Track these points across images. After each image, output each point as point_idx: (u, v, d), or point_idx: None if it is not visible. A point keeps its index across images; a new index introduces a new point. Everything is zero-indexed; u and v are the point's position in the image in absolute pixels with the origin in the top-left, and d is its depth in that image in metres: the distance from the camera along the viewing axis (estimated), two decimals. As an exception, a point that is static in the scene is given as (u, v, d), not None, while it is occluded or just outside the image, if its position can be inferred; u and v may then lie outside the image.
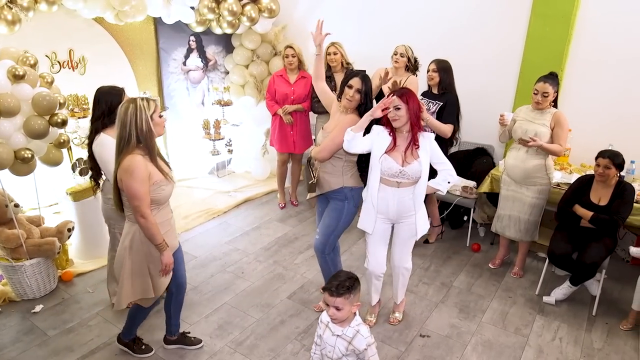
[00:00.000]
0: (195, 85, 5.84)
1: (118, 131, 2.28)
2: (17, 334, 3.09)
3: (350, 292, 2.08)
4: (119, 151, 2.30)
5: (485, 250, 4.34)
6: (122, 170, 2.26)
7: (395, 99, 2.66)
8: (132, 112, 2.23)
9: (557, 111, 3.42)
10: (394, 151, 2.73)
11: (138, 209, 2.29)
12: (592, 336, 3.21)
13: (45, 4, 3.66)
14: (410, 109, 2.65)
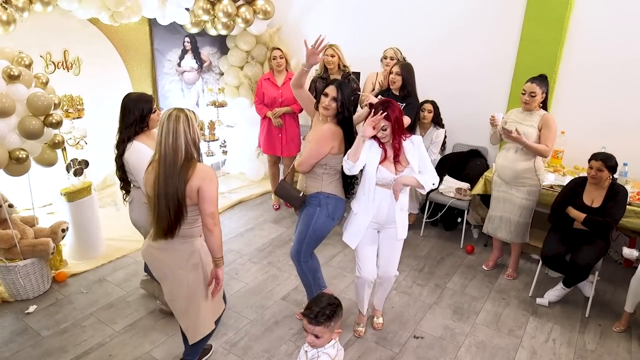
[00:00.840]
0: (190, 86, 5.84)
1: (169, 141, 2.14)
2: (11, 335, 3.08)
3: (330, 320, 1.99)
4: (173, 162, 2.15)
5: (479, 252, 4.36)
6: (200, 178, 2.17)
7: (382, 121, 2.64)
8: (184, 122, 2.16)
9: (545, 113, 3.46)
10: (385, 161, 2.75)
11: (214, 215, 2.22)
12: (585, 337, 3.23)
13: (40, 5, 3.66)
14: (393, 123, 2.63)
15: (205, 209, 2.21)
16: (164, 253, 2.32)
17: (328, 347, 2.03)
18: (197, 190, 2.18)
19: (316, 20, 5.68)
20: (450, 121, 4.72)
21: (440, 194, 4.48)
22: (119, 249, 4.15)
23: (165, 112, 2.20)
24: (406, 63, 3.88)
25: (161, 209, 2.19)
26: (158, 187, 2.17)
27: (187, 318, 2.42)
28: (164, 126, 2.16)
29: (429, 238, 4.63)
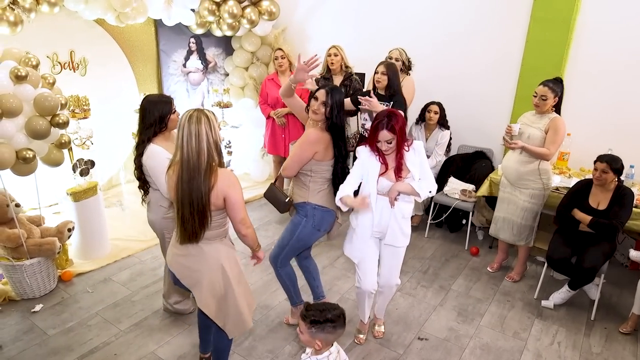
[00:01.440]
0: (195, 87, 5.86)
1: (192, 144, 2.10)
2: (17, 333, 3.09)
3: (312, 326, 1.96)
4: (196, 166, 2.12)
5: (484, 254, 4.35)
6: (224, 185, 2.15)
7: (386, 134, 2.51)
8: (206, 123, 2.13)
9: (556, 116, 3.42)
10: (386, 173, 2.66)
11: (245, 221, 2.25)
12: (591, 340, 3.21)
13: (47, 6, 3.68)
14: (398, 135, 2.53)
15: (235, 216, 2.23)
16: (191, 259, 2.30)
17: (321, 358, 2.01)
18: (223, 198, 2.17)
19: (321, 21, 5.69)
20: (455, 122, 4.71)
21: (445, 196, 4.47)
22: (124, 249, 4.17)
23: (185, 114, 2.15)
24: (391, 63, 3.87)
25: (185, 213, 2.16)
26: (182, 191, 2.14)
27: (226, 316, 2.40)
28: (185, 128, 2.11)
29: (433, 240, 4.62)
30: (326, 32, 5.63)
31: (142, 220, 4.63)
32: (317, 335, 1.96)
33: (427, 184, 2.65)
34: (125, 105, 5.05)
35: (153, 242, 4.30)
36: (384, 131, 2.50)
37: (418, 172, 2.65)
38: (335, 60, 4.47)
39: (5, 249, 3.31)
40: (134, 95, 5.18)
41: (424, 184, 2.64)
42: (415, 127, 4.76)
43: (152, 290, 3.61)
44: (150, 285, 3.68)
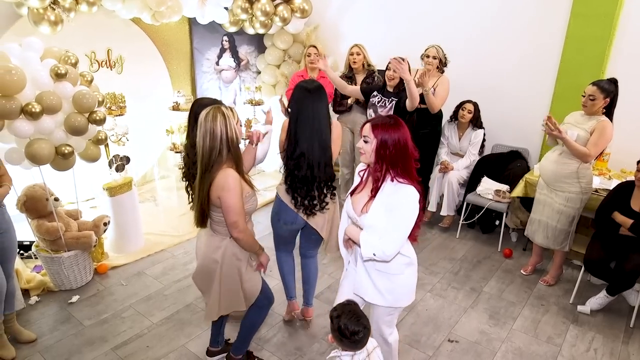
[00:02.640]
0: (228, 84, 5.92)
1: (206, 142, 2.15)
2: (55, 323, 3.20)
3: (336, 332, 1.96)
4: (207, 163, 2.18)
5: (518, 256, 4.24)
6: (219, 187, 2.18)
7: (367, 129, 2.09)
8: (221, 121, 2.14)
9: (604, 119, 3.26)
10: (360, 192, 2.21)
11: (236, 225, 2.24)
12: (629, 348, 3.09)
13: (86, 5, 3.78)
14: (378, 145, 2.04)
15: (226, 219, 2.25)
16: (200, 239, 2.49)
17: (345, 356, 2.00)
18: (218, 198, 2.21)
19: (353, 18, 5.66)
20: (489, 121, 4.61)
21: (478, 196, 4.38)
22: (157, 244, 4.25)
23: (204, 112, 2.18)
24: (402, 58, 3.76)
25: (196, 203, 2.31)
26: (199, 182, 2.25)
27: (207, 297, 2.50)
28: (202, 126, 2.16)
29: (465, 240, 4.54)
30: (358, 29, 5.60)
31: (175, 216, 4.75)
32: (334, 335, 2.01)
33: (379, 241, 2.01)
34: (160, 103, 5.15)
35: (185, 237, 4.38)
36: (367, 125, 2.11)
37: (379, 218, 2.04)
38: (358, 59, 4.47)
39: (45, 241, 3.42)
40: (168, 92, 5.28)
41: (374, 240, 2.02)
42: (447, 125, 4.69)
43: (183, 285, 3.67)
44: (182, 280, 3.74)
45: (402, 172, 2.05)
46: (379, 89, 3.85)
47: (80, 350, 2.95)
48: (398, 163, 2.05)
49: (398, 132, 2.04)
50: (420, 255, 4.21)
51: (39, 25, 3.59)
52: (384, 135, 2.03)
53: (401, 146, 2.04)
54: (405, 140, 2.06)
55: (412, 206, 2.02)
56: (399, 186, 2.03)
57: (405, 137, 2.06)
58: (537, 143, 4.58)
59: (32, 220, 3.40)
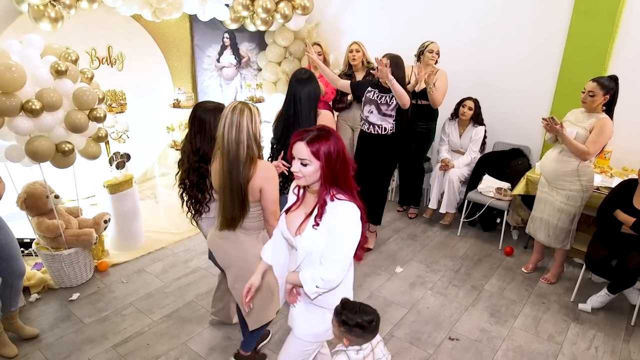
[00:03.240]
0: (229, 82, 5.91)
1: (232, 134, 2.14)
2: (55, 321, 3.20)
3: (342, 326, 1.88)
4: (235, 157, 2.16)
5: (519, 254, 4.23)
6: (261, 178, 2.20)
7: (301, 148, 1.77)
8: (248, 116, 2.18)
9: (604, 117, 3.25)
10: (296, 210, 1.95)
11: (276, 214, 2.29)
12: (630, 347, 3.09)
13: (87, 2, 3.77)
14: (326, 167, 1.77)
15: (267, 207, 2.28)
16: (228, 243, 2.40)
17: (350, 350, 1.95)
18: (259, 189, 2.22)
19: (355, 15, 5.64)
20: (490, 118, 4.60)
21: (479, 194, 4.37)
22: (157, 241, 4.25)
23: (230, 105, 2.22)
24: (394, 55, 3.73)
25: (226, 201, 2.25)
26: (223, 180, 2.22)
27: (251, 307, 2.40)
28: (227, 118, 2.17)
29: (466, 238, 4.53)
30: (359, 26, 5.58)
31: (176, 213, 4.73)
32: (345, 335, 1.93)
33: (319, 268, 1.80)
34: (161, 100, 5.14)
35: (186, 235, 4.38)
36: (299, 144, 1.78)
37: (317, 240, 1.81)
38: (357, 56, 4.47)
39: (45, 238, 3.42)
40: (168, 90, 5.27)
41: (314, 272, 1.80)
42: (448, 122, 4.68)
43: (184, 282, 3.67)
44: (183, 278, 3.74)
45: (343, 186, 1.83)
46: (373, 85, 3.83)
47: (81, 347, 2.95)
48: (339, 178, 1.82)
49: (337, 142, 1.80)
50: (421, 253, 4.21)
51: (39, 22, 3.58)
52: (325, 151, 1.76)
53: (341, 158, 1.80)
54: (344, 150, 1.83)
55: (353, 225, 1.80)
56: (338, 204, 1.80)
57: (342, 145, 1.83)
58: (538, 141, 4.57)
59: (32, 217, 3.40)
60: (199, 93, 5.56)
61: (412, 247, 4.33)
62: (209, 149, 2.53)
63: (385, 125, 3.76)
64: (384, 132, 3.78)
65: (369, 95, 3.81)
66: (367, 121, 3.85)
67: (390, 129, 3.76)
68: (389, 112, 3.72)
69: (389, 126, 3.75)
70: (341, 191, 1.83)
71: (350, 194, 1.84)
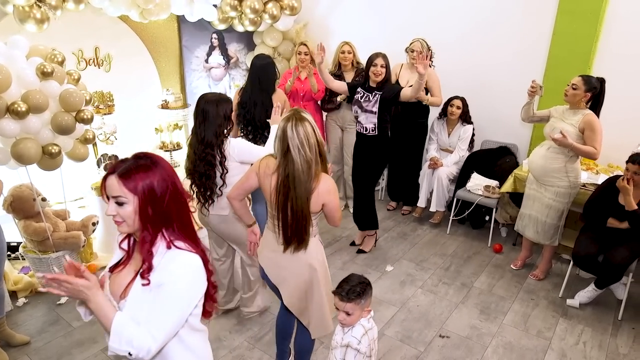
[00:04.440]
0: (217, 82, 5.88)
1: (304, 154, 2.05)
2: (43, 325, 3.17)
3: (361, 298, 2.04)
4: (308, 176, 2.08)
5: (507, 251, 4.27)
6: (324, 192, 2.14)
7: (112, 182, 1.41)
8: (308, 127, 2.07)
9: (588, 113, 3.31)
10: (124, 269, 1.53)
11: (340, 220, 2.33)
12: (618, 341, 3.13)
13: (73, 3, 3.73)
14: (145, 205, 1.40)
15: (334, 218, 2.29)
16: (280, 256, 2.29)
17: (364, 320, 2.10)
18: (322, 204, 2.19)
19: (343, 15, 5.65)
20: (478, 117, 4.63)
21: (468, 192, 4.41)
22: (147, 243, 4.22)
23: (289, 123, 2.06)
24: (385, 54, 3.76)
25: (286, 219, 2.16)
26: (283, 196, 2.13)
27: (312, 316, 2.38)
28: (295, 139, 2.04)
29: (455, 236, 4.56)
30: (347, 26, 5.59)
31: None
32: (365, 303, 2.08)
33: (137, 329, 1.36)
34: (149, 101, 5.11)
35: (175, 237, 4.35)
36: (111, 178, 1.43)
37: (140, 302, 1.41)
38: (349, 57, 4.48)
39: (32, 242, 3.39)
40: (157, 91, 5.24)
41: (132, 328, 1.36)
42: (437, 122, 4.71)
43: (174, 284, 3.65)
44: (172, 279, 3.72)
45: (180, 229, 1.47)
46: (361, 85, 3.85)
47: (70, 351, 2.92)
48: (172, 217, 1.45)
49: (164, 172, 1.44)
50: (411, 252, 4.23)
51: (25, 23, 3.54)
52: (145, 183, 1.40)
53: (172, 192, 1.43)
54: (174, 182, 1.46)
55: (190, 282, 1.44)
56: (176, 254, 1.43)
57: (171, 174, 1.46)
58: (525, 139, 4.61)
59: (19, 220, 3.36)
60: (188, 94, 5.53)
61: (402, 245, 4.35)
62: (212, 136, 2.65)
63: (367, 125, 3.78)
64: (365, 131, 3.80)
65: (356, 97, 3.82)
66: (357, 121, 3.89)
67: (372, 129, 3.77)
68: (370, 107, 3.73)
69: (370, 126, 3.77)
70: (179, 236, 1.46)
71: (190, 239, 1.48)
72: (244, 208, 2.53)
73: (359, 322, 2.09)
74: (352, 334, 2.08)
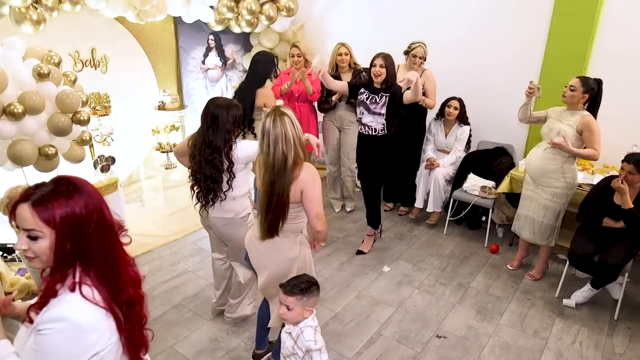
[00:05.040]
0: (214, 83, 5.89)
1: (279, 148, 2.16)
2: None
3: (303, 295, 2.07)
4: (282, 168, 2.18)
5: (504, 252, 4.28)
6: (304, 181, 2.21)
7: (27, 213, 1.16)
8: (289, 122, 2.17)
9: (586, 114, 3.31)
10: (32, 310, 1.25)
11: (320, 216, 2.29)
12: (614, 340, 3.15)
13: (69, 4, 3.74)
14: (64, 237, 1.17)
15: (311, 209, 2.27)
16: (265, 245, 2.39)
17: (308, 321, 2.12)
18: (301, 191, 2.22)
19: (340, 16, 5.66)
20: (475, 118, 4.65)
21: (465, 192, 4.42)
22: (144, 244, 4.22)
23: (266, 117, 2.19)
24: (387, 54, 3.75)
25: (267, 210, 2.26)
26: (265, 190, 2.23)
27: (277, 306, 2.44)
28: (270, 133, 2.16)
29: (452, 237, 4.57)
30: (344, 27, 5.60)
31: (162, 216, 4.72)
32: (308, 302, 2.09)
33: None
34: (145, 102, 5.11)
35: (172, 238, 4.35)
36: (22, 207, 1.18)
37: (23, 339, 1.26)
38: (346, 59, 4.48)
39: (29, 243, 3.38)
40: (153, 92, 5.24)
41: None
42: (434, 122, 4.72)
43: (171, 285, 3.65)
44: (170, 281, 3.72)
45: (99, 269, 1.23)
46: (364, 86, 3.85)
47: (67, 353, 2.91)
48: (93, 254, 1.22)
49: (86, 199, 1.21)
50: (408, 252, 4.24)
51: (21, 24, 3.54)
52: (64, 213, 1.17)
53: (97, 222, 1.22)
54: (101, 210, 1.24)
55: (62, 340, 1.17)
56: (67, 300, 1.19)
57: (97, 202, 1.24)
58: (522, 139, 4.63)
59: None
60: (185, 95, 5.54)
61: (399, 246, 4.36)
62: (221, 142, 2.65)
63: (375, 125, 3.78)
64: (374, 132, 3.81)
65: (360, 98, 3.82)
66: (361, 122, 3.89)
67: (381, 129, 3.78)
68: (378, 110, 3.74)
69: (379, 127, 3.77)
70: (95, 279, 1.22)
71: (108, 284, 1.24)
72: None
73: (305, 323, 2.11)
74: (305, 338, 2.08)
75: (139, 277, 1.35)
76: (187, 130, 5.46)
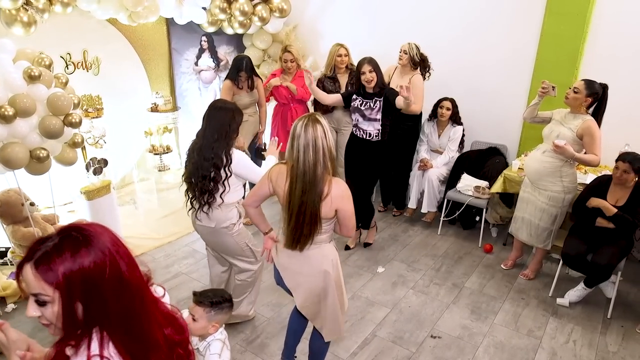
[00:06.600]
0: (207, 85, 5.87)
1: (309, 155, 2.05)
2: (32, 331, 3.13)
3: (211, 308, 2.02)
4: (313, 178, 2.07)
5: (498, 251, 4.30)
6: (338, 198, 2.13)
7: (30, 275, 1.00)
8: (321, 131, 2.06)
9: (588, 119, 3.27)
10: None
11: (354, 228, 2.30)
12: (607, 339, 3.16)
13: (60, 6, 3.71)
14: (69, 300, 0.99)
15: (347, 225, 2.24)
16: (295, 261, 2.32)
17: (217, 335, 2.09)
18: (335, 209, 2.16)
19: (333, 17, 5.66)
20: (468, 118, 4.66)
21: (458, 192, 4.43)
22: (137, 247, 4.19)
23: (299, 121, 2.09)
24: (371, 58, 3.74)
25: (296, 221, 2.16)
26: (293, 200, 2.12)
27: (324, 319, 2.40)
28: (302, 138, 2.05)
29: (446, 237, 4.58)
30: (337, 28, 5.60)
31: (155, 218, 4.70)
32: (215, 318, 2.06)
33: None
34: (138, 104, 5.09)
35: (166, 240, 4.33)
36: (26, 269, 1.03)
37: None
38: (345, 60, 4.48)
39: (21, 247, 3.36)
40: (146, 94, 5.21)
41: None
42: (427, 123, 4.73)
43: (165, 288, 3.63)
44: (164, 283, 3.66)
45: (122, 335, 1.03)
46: (357, 92, 3.85)
47: (60, 357, 2.89)
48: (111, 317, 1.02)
49: (97, 250, 1.02)
50: (402, 253, 4.24)
51: (12, 26, 3.51)
52: (71, 270, 0.98)
53: (114, 277, 1.02)
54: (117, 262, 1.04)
55: None
56: None
57: (113, 251, 1.04)
58: (515, 139, 4.65)
59: (7, 226, 3.33)
60: (177, 97, 5.51)
61: (394, 246, 4.36)
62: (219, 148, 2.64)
63: (370, 130, 3.79)
64: (369, 137, 3.81)
65: (354, 104, 3.82)
66: (357, 126, 3.90)
67: (376, 135, 3.78)
68: (373, 115, 3.74)
69: (374, 132, 3.78)
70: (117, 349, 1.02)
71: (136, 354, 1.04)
72: (259, 216, 2.53)
73: (214, 337, 2.07)
74: (211, 352, 2.04)
75: (181, 338, 1.11)
76: (180, 132, 5.44)
